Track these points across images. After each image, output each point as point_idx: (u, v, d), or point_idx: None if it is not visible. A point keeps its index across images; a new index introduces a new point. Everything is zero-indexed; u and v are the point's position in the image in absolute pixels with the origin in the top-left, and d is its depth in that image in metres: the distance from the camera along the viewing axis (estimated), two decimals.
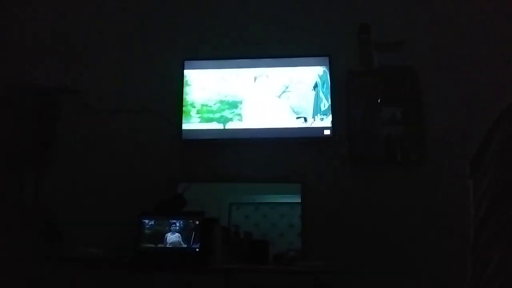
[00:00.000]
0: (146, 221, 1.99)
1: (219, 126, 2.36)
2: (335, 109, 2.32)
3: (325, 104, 2.34)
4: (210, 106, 2.39)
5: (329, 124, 2.30)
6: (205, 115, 2.38)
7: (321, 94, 2.36)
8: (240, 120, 2.37)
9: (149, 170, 2.35)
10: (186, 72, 2.43)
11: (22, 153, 2.26)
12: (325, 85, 2.37)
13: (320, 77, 2.38)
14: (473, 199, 0.54)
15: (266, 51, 2.51)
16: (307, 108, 2.35)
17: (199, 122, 2.37)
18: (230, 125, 2.36)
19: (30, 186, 2.22)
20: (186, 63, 2.45)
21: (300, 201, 2.23)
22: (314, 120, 2.32)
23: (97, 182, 2.34)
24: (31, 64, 2.52)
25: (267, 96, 2.40)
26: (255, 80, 2.42)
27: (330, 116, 2.31)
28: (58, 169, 2.36)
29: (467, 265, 0.53)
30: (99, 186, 2.34)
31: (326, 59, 2.40)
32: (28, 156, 2.28)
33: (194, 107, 2.39)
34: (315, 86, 2.38)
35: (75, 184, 2.35)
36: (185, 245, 1.94)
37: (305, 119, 2.34)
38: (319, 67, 2.39)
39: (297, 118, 2.35)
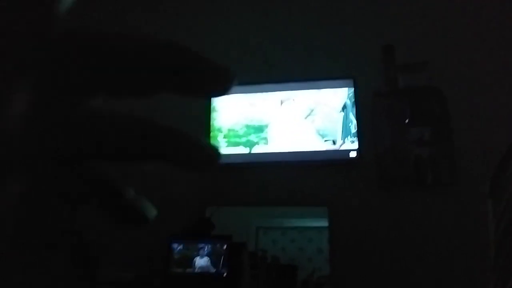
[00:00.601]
0: (175, 245, 2.03)
1: (246, 150, 2.40)
2: (362, 131, 2.32)
3: (355, 126, 2.34)
4: (236, 131, 2.45)
5: (355, 146, 2.29)
6: (232, 140, 2.43)
7: (350, 116, 2.36)
8: (266, 143, 2.40)
9: (178, 194, 2.40)
10: (213, 98, 2.51)
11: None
12: (354, 107, 2.38)
13: (350, 99, 2.39)
14: (492, 219, 0.54)
15: (291, 75, 2.56)
16: (334, 131, 2.35)
17: (226, 146, 2.42)
18: (256, 149, 2.39)
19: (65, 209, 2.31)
20: None
21: (327, 225, 2.21)
22: (344, 142, 2.31)
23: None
24: None
25: (292, 120, 2.43)
26: (281, 103, 2.46)
27: (360, 137, 2.30)
28: None
29: (489, 286, 0.52)
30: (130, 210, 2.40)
31: (351, 81, 2.42)
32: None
33: (221, 132, 2.45)
34: (344, 107, 2.39)
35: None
36: (214, 270, 1.95)
37: (334, 142, 2.33)
38: (345, 89, 2.41)
39: (325, 141, 2.35)
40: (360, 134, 2.31)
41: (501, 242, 0.50)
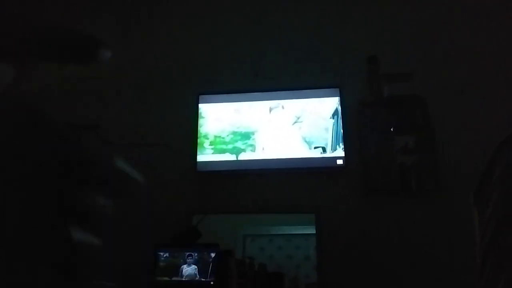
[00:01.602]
0: (161, 253, 2.01)
1: (232, 157, 2.40)
2: (348, 140, 2.35)
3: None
4: (223, 138, 2.45)
5: (341, 154, 2.31)
6: (218, 146, 2.43)
7: (340, 123, 2.39)
8: (253, 150, 2.40)
9: (165, 203, 2.38)
10: (200, 106, 2.51)
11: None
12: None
13: (340, 106, 2.43)
14: (478, 227, 0.55)
15: (278, 84, 2.59)
16: (323, 138, 2.37)
17: (212, 153, 2.41)
18: (243, 156, 2.39)
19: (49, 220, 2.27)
20: (201, 97, 2.53)
21: (315, 232, 2.22)
22: (336, 149, 2.34)
23: (114, 214, 2.37)
24: (52, 101, 2.64)
25: (279, 127, 2.44)
26: (270, 111, 2.48)
27: (346, 146, 2.33)
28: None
29: None
30: (115, 218, 2.37)
31: (337, 90, 2.45)
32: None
33: (208, 138, 2.45)
34: (334, 114, 2.41)
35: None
36: (201, 278, 1.94)
37: (324, 149, 2.35)
38: (331, 98, 2.44)
39: (315, 148, 2.37)
40: (346, 142, 2.34)
41: (488, 250, 0.52)
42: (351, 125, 2.39)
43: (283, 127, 2.44)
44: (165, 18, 2.88)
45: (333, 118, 2.41)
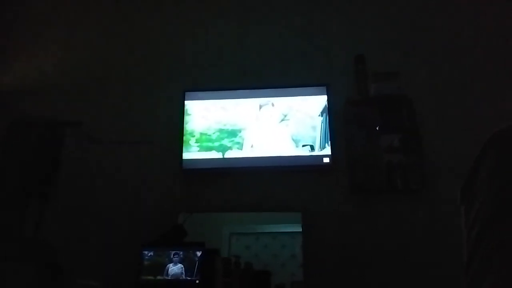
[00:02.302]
0: (146, 252, 1.98)
1: (218, 155, 2.38)
2: (335, 138, 2.35)
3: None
4: (209, 135, 2.42)
5: (328, 152, 2.31)
6: (204, 144, 2.40)
7: (327, 121, 2.39)
8: (240, 148, 2.39)
9: (150, 201, 2.34)
10: (186, 103, 2.48)
11: (25, 186, 2.28)
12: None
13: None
14: (465, 225, 0.55)
15: (266, 82, 2.58)
16: (311, 137, 2.37)
17: (198, 151, 2.39)
18: (229, 154, 2.38)
19: (31, 219, 2.22)
20: (187, 94, 2.50)
21: (301, 230, 2.22)
22: (324, 147, 2.33)
23: (98, 213, 2.33)
24: (35, 97, 2.58)
25: (266, 125, 2.43)
26: (260, 108, 2.46)
27: (333, 144, 2.33)
28: (60, 201, 2.35)
29: None
30: (100, 217, 2.33)
31: (324, 88, 2.45)
32: (30, 189, 2.30)
33: (193, 136, 2.42)
34: (323, 112, 2.41)
35: (77, 216, 2.34)
36: (186, 277, 1.92)
37: (312, 147, 2.35)
38: (319, 96, 2.44)
39: (303, 146, 2.36)
40: (333, 141, 2.34)
41: (474, 247, 0.52)
42: (338, 123, 2.40)
43: (271, 125, 2.43)
44: (152, 15, 2.84)
45: (321, 116, 2.41)
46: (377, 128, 2.38)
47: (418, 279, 2.07)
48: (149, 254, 1.97)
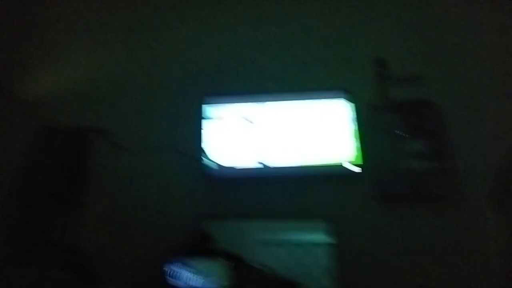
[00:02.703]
0: (172, 260, 1.97)
1: (243, 162, 2.36)
2: (361, 145, 2.31)
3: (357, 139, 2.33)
4: (232, 142, 2.41)
5: (355, 160, 2.27)
6: (227, 150, 2.39)
7: (354, 129, 2.35)
8: (264, 155, 2.36)
9: (174, 207, 2.34)
10: (206, 108, 2.47)
11: (54, 193, 2.31)
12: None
13: (352, 112, 2.39)
14: (494, 232, 0.53)
15: (287, 87, 2.56)
16: (335, 143, 2.33)
17: (222, 157, 2.37)
18: (255, 161, 2.35)
19: (61, 226, 2.24)
20: (208, 100, 2.50)
21: (327, 239, 2.18)
22: (348, 156, 2.29)
23: (125, 220, 2.35)
24: (62, 105, 2.63)
25: (289, 132, 2.40)
26: (276, 115, 2.44)
27: (357, 151, 2.29)
28: (88, 208, 2.36)
29: None
30: (127, 224, 2.34)
31: (346, 94, 2.42)
32: (59, 196, 2.33)
33: (217, 142, 2.40)
34: (347, 119, 2.37)
35: (104, 222, 2.35)
36: (212, 285, 1.90)
37: (338, 155, 2.31)
38: (343, 102, 2.40)
39: (327, 154, 2.32)
40: (360, 148, 2.30)
41: (506, 254, 0.49)
42: (364, 129, 2.36)
43: (293, 132, 2.40)
44: (173, 22, 2.87)
45: (346, 123, 2.37)
46: (404, 135, 2.33)
47: (447, 286, 2.02)
48: (176, 262, 1.97)
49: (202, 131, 2.42)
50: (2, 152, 2.48)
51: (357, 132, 2.34)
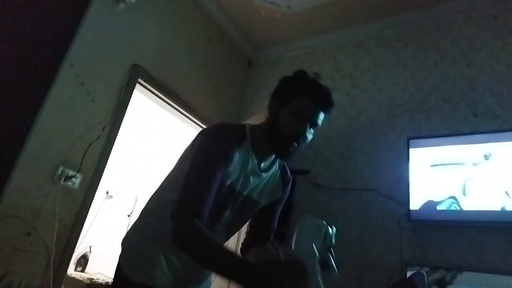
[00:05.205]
0: None
1: (449, 207, 2.19)
2: None
3: None
4: (435, 185, 2.28)
5: None
6: (431, 194, 2.27)
7: None
8: (461, 198, 2.15)
9: (376, 249, 2.35)
10: (411, 150, 2.42)
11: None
12: None
13: None
14: None
15: (498, 125, 2.29)
16: None
17: (426, 201, 2.27)
18: (464, 206, 2.16)
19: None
20: (411, 142, 2.45)
21: None
22: None
23: None
24: None
25: (499, 174, 2.12)
26: (485, 157, 2.20)
27: None
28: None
29: None
30: None
31: None
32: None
33: (420, 185, 2.32)
34: None
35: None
36: None
37: None
38: None
39: None
40: None
41: None
42: None
43: (504, 174, 2.11)
44: (371, 67, 2.98)
45: None
46: None
47: None
48: None
49: (407, 174, 2.36)
50: None
51: None
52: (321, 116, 1.26)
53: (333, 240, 1.32)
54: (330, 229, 1.33)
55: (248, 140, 1.25)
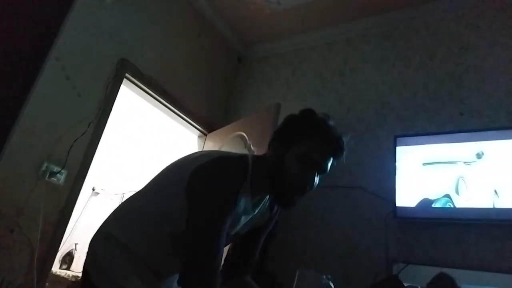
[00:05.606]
0: None
1: (433, 204, 2.22)
2: None
3: None
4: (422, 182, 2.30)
5: None
6: (416, 192, 2.29)
7: None
8: (454, 197, 2.18)
9: (363, 246, 2.37)
10: (399, 148, 2.44)
11: None
12: None
13: None
14: None
15: (484, 124, 2.32)
16: None
17: (412, 198, 2.29)
18: (457, 205, 2.18)
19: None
20: (398, 140, 2.46)
21: None
22: None
23: (312, 254, 2.49)
24: None
25: (490, 172, 2.15)
26: (477, 156, 2.23)
27: None
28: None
29: None
30: (312, 257, 2.48)
31: None
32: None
33: (402, 183, 2.34)
34: None
35: (292, 253, 2.55)
36: None
37: None
38: None
39: None
40: None
41: None
42: None
43: (495, 172, 2.14)
44: (359, 64, 2.99)
45: None
46: None
47: None
48: None
49: (393, 171, 2.37)
50: None
51: None
52: (331, 162, 1.16)
53: None
54: (331, 285, 1.26)
55: (248, 182, 1.11)
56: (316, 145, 1.13)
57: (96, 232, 1.20)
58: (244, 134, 2.71)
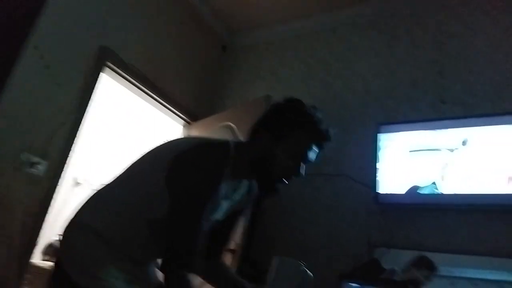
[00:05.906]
0: (349, 285, 2.01)
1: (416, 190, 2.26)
2: None
3: None
4: (404, 168, 2.34)
5: None
6: (400, 178, 2.33)
7: None
8: (439, 183, 2.22)
9: (346, 232, 2.40)
10: (380, 136, 2.46)
11: None
12: None
13: None
14: None
15: (470, 111, 2.35)
16: None
17: (394, 185, 2.33)
18: (429, 189, 2.23)
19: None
20: (381, 127, 2.49)
21: None
22: None
23: (297, 241, 2.51)
24: None
25: (472, 159, 2.19)
26: (463, 143, 2.26)
27: None
28: (263, 228, 2.62)
29: None
30: (298, 244, 2.50)
31: None
32: None
33: (389, 169, 2.37)
34: None
35: (277, 242, 2.57)
36: None
37: None
38: None
39: None
40: None
41: None
42: None
43: (478, 158, 2.18)
44: (346, 54, 2.99)
45: None
46: None
47: None
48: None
49: (377, 159, 2.40)
50: None
51: None
52: (317, 153, 1.21)
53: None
54: (309, 274, 1.27)
55: (230, 168, 1.11)
56: (305, 139, 1.17)
57: (70, 223, 1.15)
58: (232, 125, 2.70)
